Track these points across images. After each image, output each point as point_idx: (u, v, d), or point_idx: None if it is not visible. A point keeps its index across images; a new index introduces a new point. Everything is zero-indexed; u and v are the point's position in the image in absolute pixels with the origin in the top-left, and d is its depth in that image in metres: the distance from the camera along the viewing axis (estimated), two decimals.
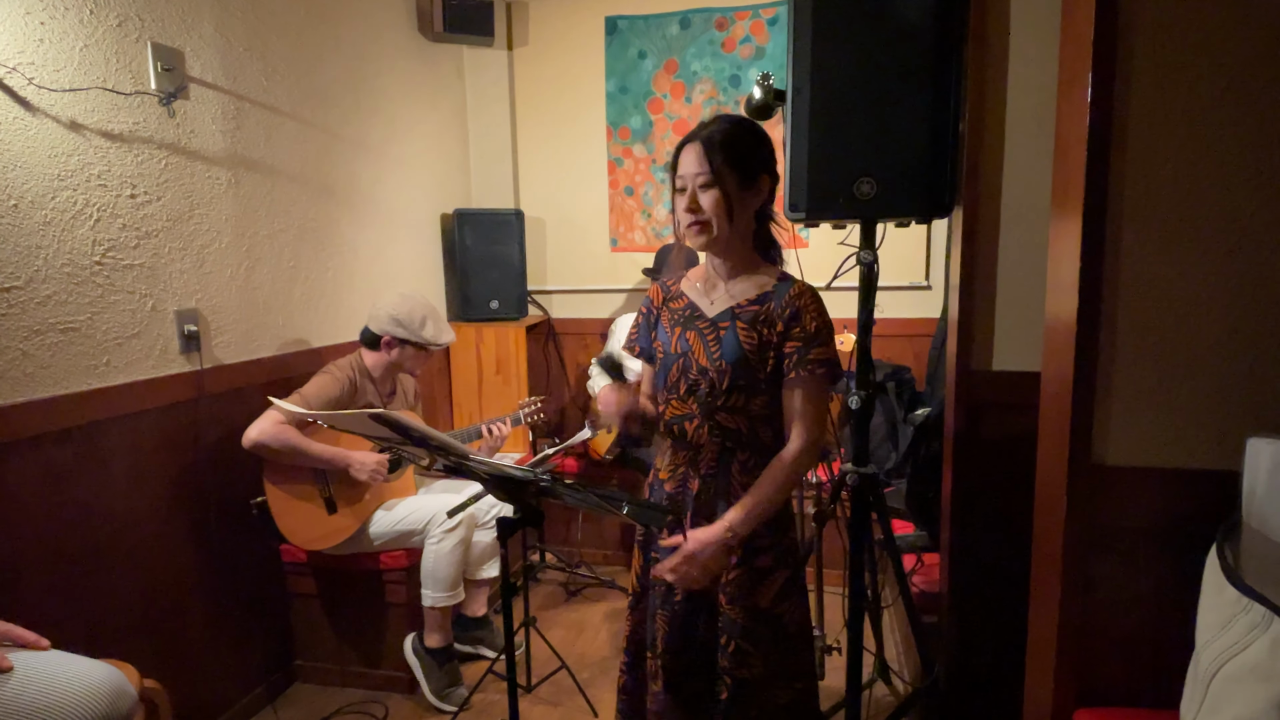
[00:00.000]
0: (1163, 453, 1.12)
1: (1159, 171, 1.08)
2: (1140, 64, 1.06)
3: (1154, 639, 1.15)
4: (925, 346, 3.32)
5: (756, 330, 1.44)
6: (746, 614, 1.49)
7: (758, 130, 1.47)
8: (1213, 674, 0.89)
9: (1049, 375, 1.25)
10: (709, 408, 1.47)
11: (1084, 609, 1.16)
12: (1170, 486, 1.12)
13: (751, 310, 1.46)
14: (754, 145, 1.44)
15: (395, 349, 2.50)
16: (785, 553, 1.52)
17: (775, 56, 3.51)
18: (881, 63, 1.67)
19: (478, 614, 2.74)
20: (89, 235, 1.90)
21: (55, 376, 1.82)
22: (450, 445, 1.41)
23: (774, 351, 1.44)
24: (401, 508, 2.49)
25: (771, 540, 1.50)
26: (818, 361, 1.41)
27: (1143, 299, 1.11)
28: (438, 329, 2.52)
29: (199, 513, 2.23)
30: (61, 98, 1.82)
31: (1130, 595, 1.15)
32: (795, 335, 1.42)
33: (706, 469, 1.50)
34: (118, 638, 1.97)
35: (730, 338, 1.46)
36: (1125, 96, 1.08)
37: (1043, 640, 1.24)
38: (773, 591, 1.50)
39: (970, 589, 1.91)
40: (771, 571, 1.50)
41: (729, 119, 1.45)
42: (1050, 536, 1.21)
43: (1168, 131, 1.07)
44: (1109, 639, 1.17)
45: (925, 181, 1.68)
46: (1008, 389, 1.84)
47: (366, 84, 3.03)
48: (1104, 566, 1.15)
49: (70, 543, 1.86)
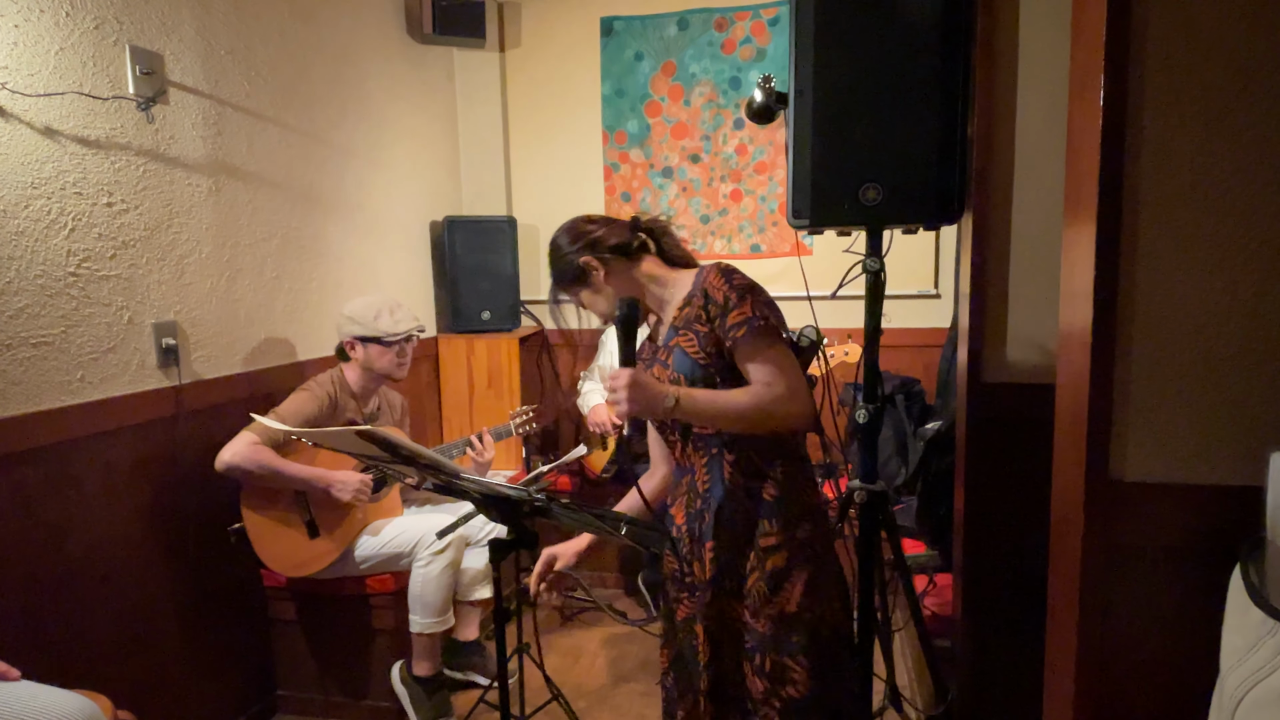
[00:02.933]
0: (1183, 468, 1.12)
1: (1176, 175, 1.09)
2: (1154, 65, 1.07)
3: (1176, 663, 1.15)
4: (935, 357, 3.32)
5: (694, 331, 1.49)
6: (773, 623, 1.46)
7: (559, 238, 1.65)
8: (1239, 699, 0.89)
9: (1064, 387, 1.25)
10: (686, 429, 1.52)
11: (1103, 632, 1.16)
12: (1191, 503, 1.12)
13: (684, 315, 1.52)
14: (555, 254, 1.64)
15: (358, 349, 2.50)
16: (801, 548, 1.48)
17: (777, 58, 3.53)
18: (887, 64, 1.68)
19: (469, 638, 2.73)
20: (64, 245, 1.90)
21: (27, 393, 1.82)
22: (440, 463, 1.41)
23: (714, 342, 1.48)
24: (388, 529, 2.48)
25: (780, 536, 1.48)
26: (735, 324, 1.43)
27: (1160, 307, 1.11)
28: (395, 319, 2.51)
29: (176, 535, 2.22)
30: (36, 103, 1.83)
31: (1151, 617, 1.15)
32: (714, 314, 1.47)
33: (702, 483, 1.52)
34: (91, 667, 1.96)
35: (677, 351, 1.51)
36: (1139, 98, 1.09)
37: (1060, 665, 1.24)
38: (798, 592, 1.46)
39: (985, 611, 1.90)
40: (789, 572, 1.47)
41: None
42: (1067, 556, 1.21)
43: (1184, 134, 1.08)
44: (1129, 663, 1.16)
45: (933, 186, 1.69)
46: (1021, 402, 1.84)
47: (353, 88, 3.04)
48: (1123, 587, 1.15)
49: (41, 567, 1.86)
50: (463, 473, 1.43)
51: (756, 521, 1.49)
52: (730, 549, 1.50)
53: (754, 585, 1.48)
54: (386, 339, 2.49)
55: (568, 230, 1.63)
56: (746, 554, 1.49)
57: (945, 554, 2.42)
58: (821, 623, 1.49)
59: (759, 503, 1.49)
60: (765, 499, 1.49)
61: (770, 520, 1.48)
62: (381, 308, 2.50)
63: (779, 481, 1.50)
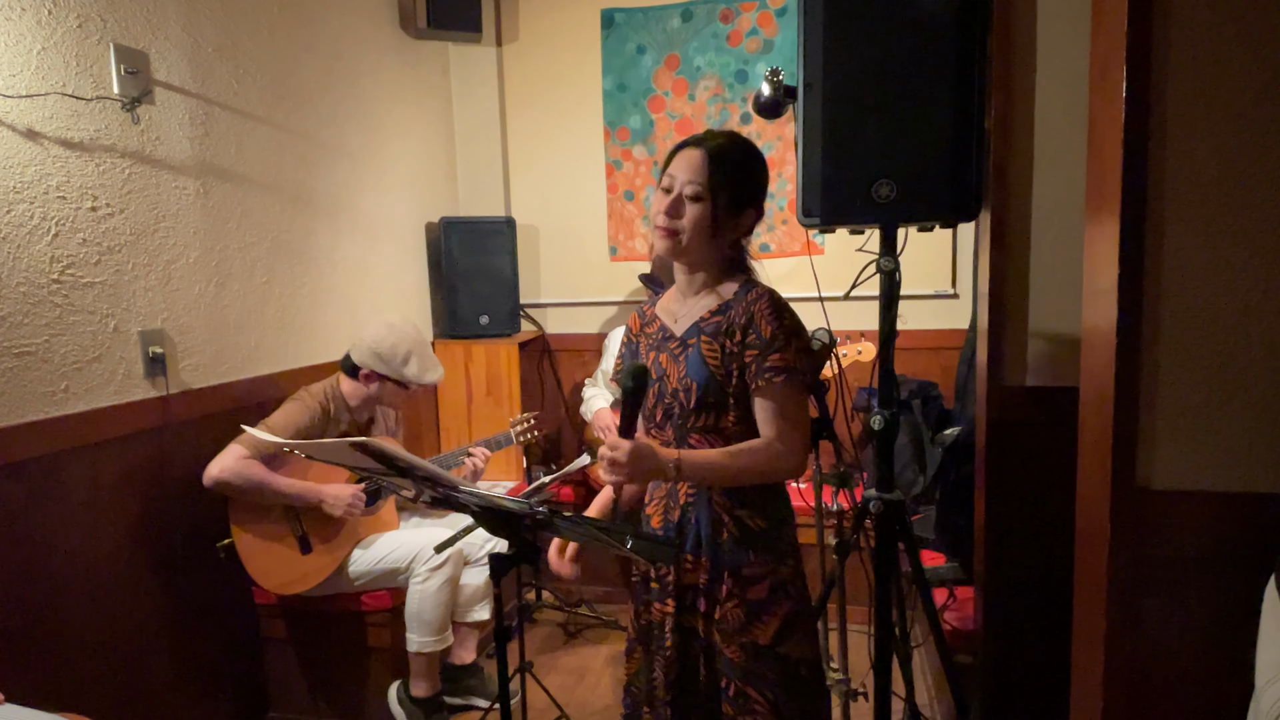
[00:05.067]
0: (1213, 475, 1.12)
1: (1202, 169, 1.09)
2: (1178, 56, 1.07)
3: (1209, 679, 1.14)
4: (953, 360, 3.31)
5: (719, 343, 1.47)
6: (745, 653, 1.48)
7: (763, 161, 1.53)
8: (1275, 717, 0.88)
9: (1087, 391, 1.25)
10: (681, 430, 1.52)
11: (1132, 647, 1.15)
12: (1222, 511, 1.11)
13: (714, 322, 1.50)
14: (754, 173, 1.51)
15: (374, 383, 2.50)
16: (784, 583, 1.51)
17: (784, 50, 3.54)
18: (899, 55, 1.68)
19: (466, 661, 2.72)
20: (47, 251, 1.91)
21: (9, 405, 1.83)
22: (438, 475, 1.41)
23: (737, 363, 1.46)
24: (383, 544, 2.48)
25: (764, 569, 1.50)
26: (775, 369, 1.42)
27: (1188, 307, 1.11)
28: (422, 367, 2.51)
29: (165, 551, 2.23)
30: (17, 104, 1.84)
31: (1182, 631, 1.14)
32: (751, 343, 1.45)
33: (685, 496, 1.53)
34: (76, 689, 1.96)
35: (694, 354, 1.49)
36: (1163, 90, 1.08)
37: (1088, 682, 1.23)
38: (773, 627, 1.49)
39: (1008, 626, 1.90)
40: (769, 605, 1.49)
41: (740, 139, 1.52)
42: (1093, 568, 1.20)
43: (1210, 127, 1.08)
44: (1160, 679, 1.15)
45: (949, 182, 1.69)
46: (1043, 406, 1.84)
47: (345, 85, 3.06)
48: (1153, 600, 1.14)
49: (24, 585, 1.86)
50: (461, 485, 1.43)
51: (740, 551, 1.50)
52: (709, 570, 1.51)
53: (730, 611, 1.49)
54: (410, 385, 2.51)
55: (767, 176, 1.54)
56: (724, 578, 1.50)
57: (966, 566, 2.41)
58: (802, 663, 1.52)
59: (745, 531, 1.51)
60: (751, 527, 1.51)
61: (754, 551, 1.50)
62: (412, 350, 2.49)
63: (766, 514, 1.52)
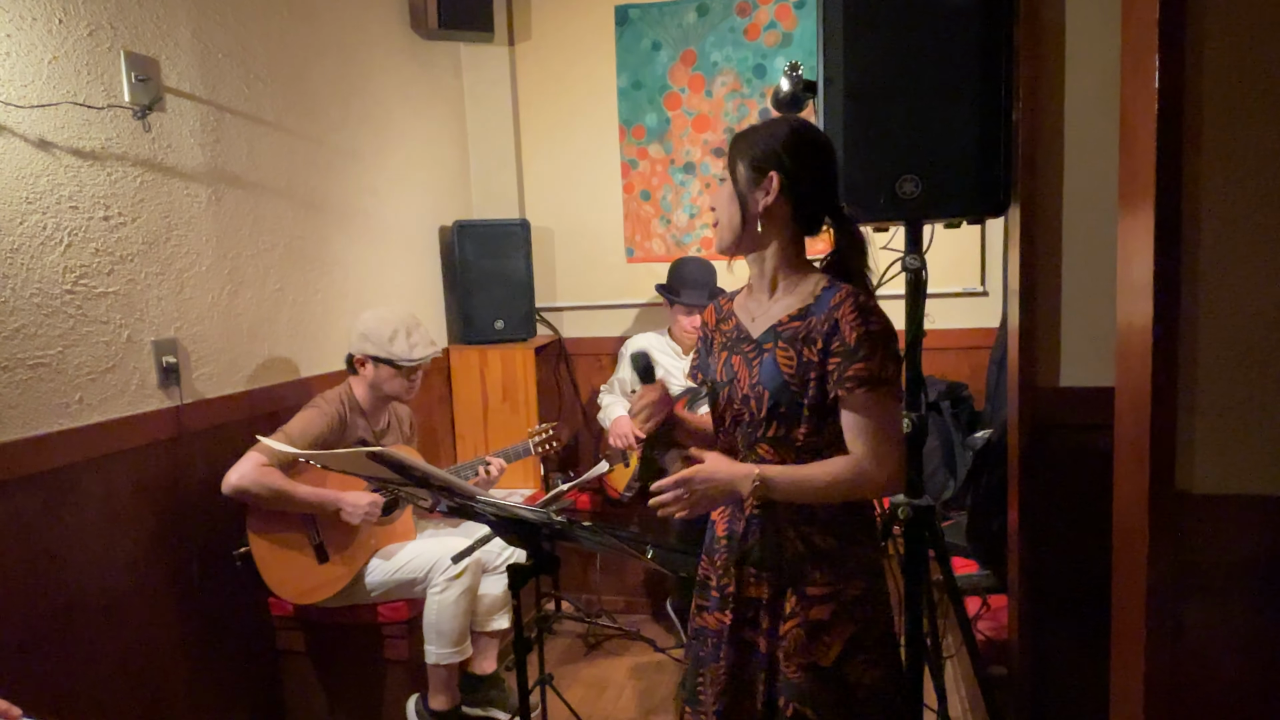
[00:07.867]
0: (1256, 477, 1.10)
1: (1239, 160, 1.08)
2: (1213, 44, 1.06)
3: (1255, 690, 1.13)
4: (983, 360, 3.29)
5: (796, 350, 1.44)
6: (805, 673, 1.45)
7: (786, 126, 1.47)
8: None
9: (1124, 391, 1.24)
10: (750, 439, 1.48)
11: (1173, 657, 1.14)
12: (1266, 516, 1.10)
13: (793, 327, 1.45)
14: (767, 137, 1.45)
15: (368, 367, 2.52)
16: (851, 604, 1.47)
17: (804, 43, 3.53)
18: (923, 47, 1.68)
19: (487, 671, 2.74)
20: (59, 262, 1.95)
21: (23, 417, 1.87)
22: (454, 484, 1.42)
23: (815, 372, 1.42)
24: (401, 554, 2.50)
25: (830, 588, 1.46)
26: (856, 379, 1.38)
27: (1227, 302, 1.10)
28: (411, 343, 2.52)
29: (180, 563, 2.26)
30: (29, 114, 1.88)
31: (1225, 640, 1.13)
32: (835, 351, 1.40)
33: (751, 508, 1.49)
34: (92, 702, 2.00)
35: (769, 361, 1.45)
36: (1197, 79, 1.07)
37: (1127, 694, 1.22)
38: (835, 649, 1.45)
39: (1043, 636, 1.88)
40: (831, 626, 1.45)
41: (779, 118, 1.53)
42: (1132, 575, 1.19)
43: (1247, 117, 1.07)
44: (1202, 691, 1.14)
45: (976, 177, 1.69)
46: (1078, 407, 1.82)
47: (356, 88, 3.09)
48: (1194, 609, 1.13)
49: (40, 598, 1.90)
50: (479, 494, 1.44)
51: (806, 568, 1.47)
52: (772, 585, 1.48)
53: (790, 630, 1.47)
54: (399, 363, 2.52)
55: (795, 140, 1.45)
56: (788, 596, 1.47)
57: (999, 574, 2.39)
58: (864, 687, 1.47)
59: (812, 548, 1.47)
60: (820, 546, 1.47)
61: (822, 570, 1.46)
62: (399, 327, 2.51)
63: (836, 531, 1.48)
